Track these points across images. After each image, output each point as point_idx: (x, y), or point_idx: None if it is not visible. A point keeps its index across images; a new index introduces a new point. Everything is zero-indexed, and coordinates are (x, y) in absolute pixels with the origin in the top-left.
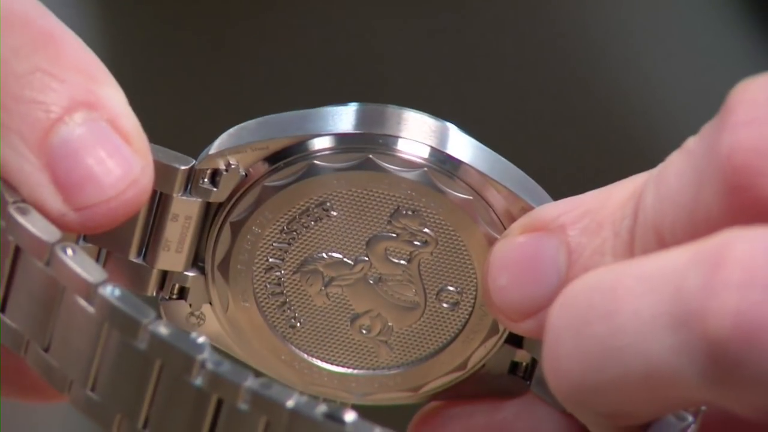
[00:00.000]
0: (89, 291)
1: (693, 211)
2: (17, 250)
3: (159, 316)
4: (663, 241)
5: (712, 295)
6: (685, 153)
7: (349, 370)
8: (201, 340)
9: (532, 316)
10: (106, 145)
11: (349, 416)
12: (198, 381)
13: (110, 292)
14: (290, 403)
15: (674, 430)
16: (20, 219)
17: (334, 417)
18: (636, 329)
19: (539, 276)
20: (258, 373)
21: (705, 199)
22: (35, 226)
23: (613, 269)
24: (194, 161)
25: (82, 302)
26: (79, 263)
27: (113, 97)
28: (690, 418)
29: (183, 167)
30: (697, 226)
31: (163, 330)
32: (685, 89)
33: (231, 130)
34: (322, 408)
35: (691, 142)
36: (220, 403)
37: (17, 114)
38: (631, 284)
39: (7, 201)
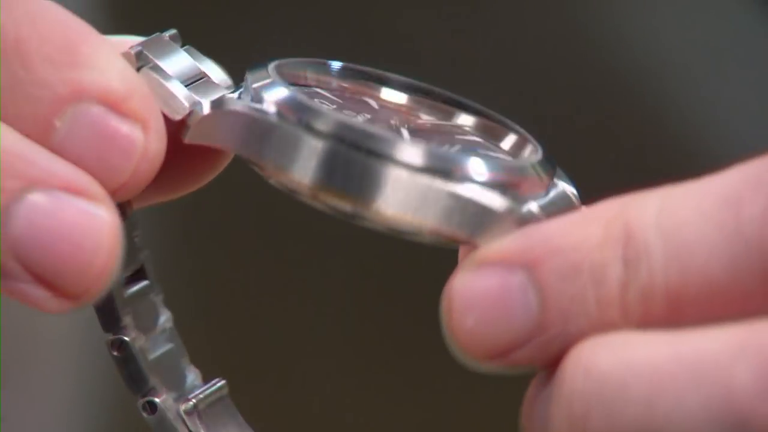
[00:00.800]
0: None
1: (728, 289)
2: None
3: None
4: (679, 307)
5: (766, 398)
6: (707, 219)
7: None
8: None
9: (501, 358)
10: (101, 142)
11: None
12: None
13: None
14: None
15: None
16: None
17: None
18: (681, 420)
19: (509, 317)
20: None
21: (745, 282)
22: None
23: (646, 345)
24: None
25: None
26: None
27: (96, 71)
28: None
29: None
30: (731, 302)
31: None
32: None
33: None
34: None
35: (710, 208)
36: None
37: None
38: (672, 370)
39: None
